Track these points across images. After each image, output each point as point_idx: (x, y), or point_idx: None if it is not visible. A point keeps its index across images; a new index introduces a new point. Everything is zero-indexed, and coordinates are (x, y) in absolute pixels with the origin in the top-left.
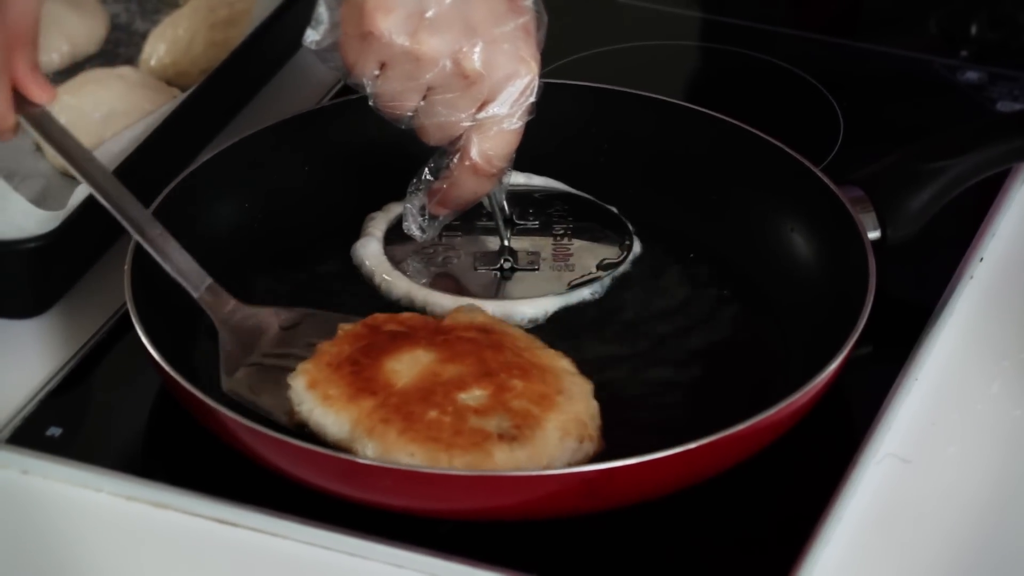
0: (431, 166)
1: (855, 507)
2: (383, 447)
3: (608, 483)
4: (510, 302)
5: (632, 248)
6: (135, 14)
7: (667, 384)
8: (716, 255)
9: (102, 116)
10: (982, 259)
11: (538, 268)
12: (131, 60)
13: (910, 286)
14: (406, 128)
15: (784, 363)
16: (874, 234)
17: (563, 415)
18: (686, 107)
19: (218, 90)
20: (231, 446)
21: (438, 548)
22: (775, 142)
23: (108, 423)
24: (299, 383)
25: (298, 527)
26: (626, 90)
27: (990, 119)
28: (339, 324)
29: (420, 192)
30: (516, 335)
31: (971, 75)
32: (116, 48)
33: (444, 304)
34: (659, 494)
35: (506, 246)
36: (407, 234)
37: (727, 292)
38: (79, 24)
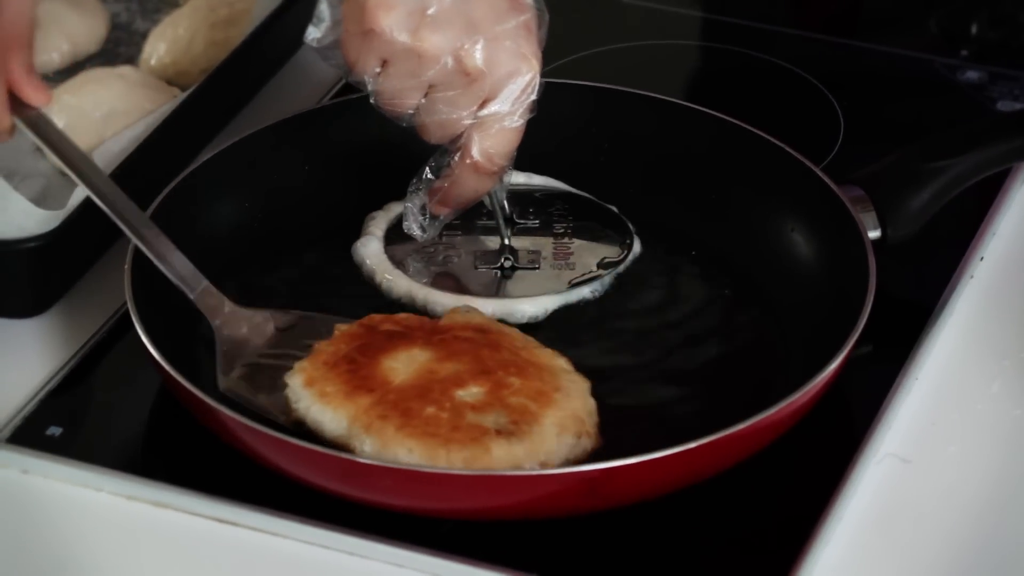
0: (432, 165)
1: (855, 507)
2: (381, 443)
3: (608, 483)
4: (510, 300)
5: (632, 247)
6: (135, 13)
7: (667, 383)
8: (716, 254)
9: (102, 115)
10: (982, 258)
11: (539, 267)
12: (131, 59)
13: (910, 285)
14: (407, 126)
15: (784, 362)
16: (874, 233)
17: (560, 411)
18: (686, 106)
19: (218, 90)
20: (231, 446)
21: (438, 547)
22: (775, 142)
23: (108, 422)
24: (296, 381)
25: (298, 527)
26: (626, 89)
27: (990, 119)
28: (336, 325)
29: (420, 191)
30: (513, 335)
31: (971, 74)
32: (116, 47)
33: (445, 303)
34: (659, 494)
35: (507, 245)
36: (407, 234)
37: (727, 291)
38: (79, 23)
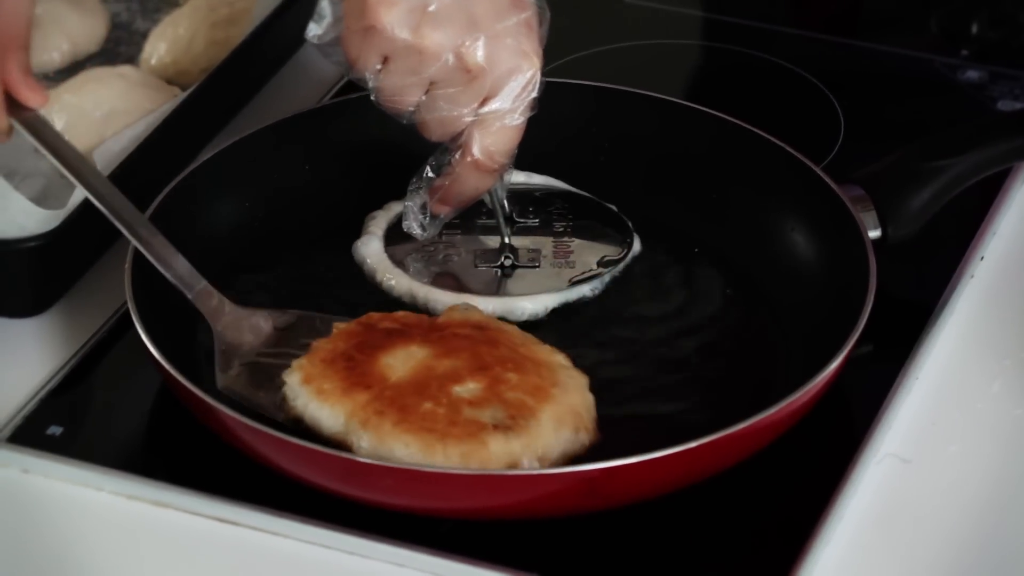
0: (432, 164)
1: (856, 506)
2: (378, 438)
3: (608, 482)
4: (511, 298)
5: (633, 245)
6: (136, 13)
7: (667, 383)
8: (717, 254)
9: (103, 115)
10: (983, 258)
11: (539, 265)
12: (132, 59)
13: (911, 285)
14: (407, 123)
15: (784, 362)
16: (875, 233)
17: (558, 406)
18: (687, 106)
19: (219, 89)
20: (231, 445)
21: (439, 547)
22: (776, 141)
23: (108, 422)
24: (294, 379)
25: (299, 526)
26: (627, 89)
27: (991, 118)
28: (334, 323)
29: (421, 190)
30: (511, 332)
31: (972, 74)
32: (117, 47)
33: (445, 301)
34: (659, 493)
35: (507, 243)
36: (408, 233)
37: (727, 291)
38: (80, 23)
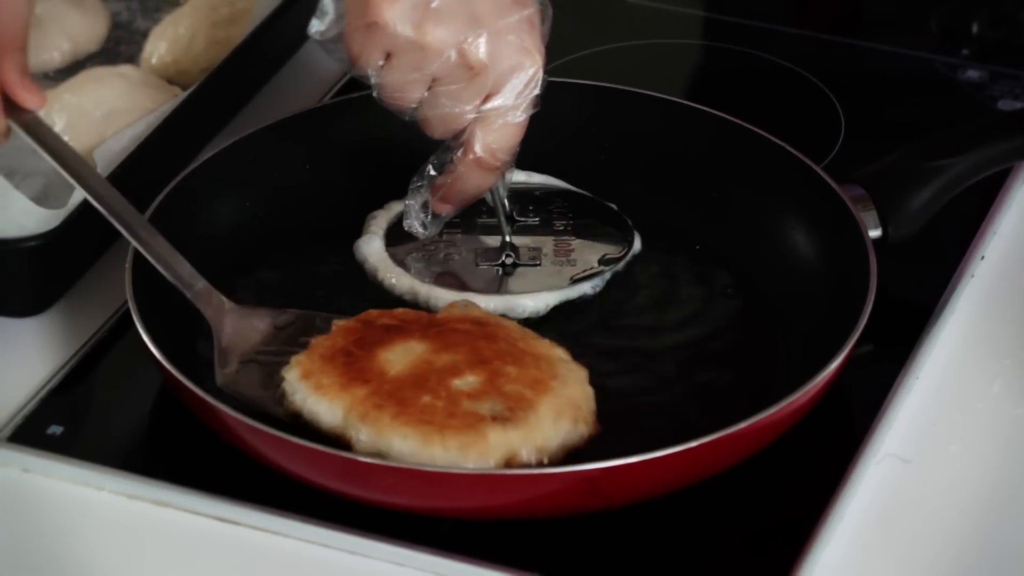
0: (434, 162)
1: (856, 506)
2: (376, 431)
3: (609, 481)
4: (512, 296)
5: (633, 243)
6: (136, 12)
7: (667, 382)
8: (717, 253)
9: (103, 114)
10: (983, 258)
11: (540, 264)
12: (132, 58)
13: (911, 285)
14: (409, 120)
15: (785, 361)
16: (875, 232)
17: (557, 398)
18: (687, 105)
19: (219, 89)
20: (232, 444)
21: (439, 546)
22: (776, 140)
23: (109, 421)
24: (292, 374)
25: (299, 525)
26: (627, 88)
27: (991, 117)
28: (333, 321)
29: (422, 189)
30: (510, 327)
31: (972, 74)
32: (117, 46)
33: (447, 300)
34: (660, 492)
35: (508, 242)
36: (409, 232)
37: (728, 290)
38: (80, 22)
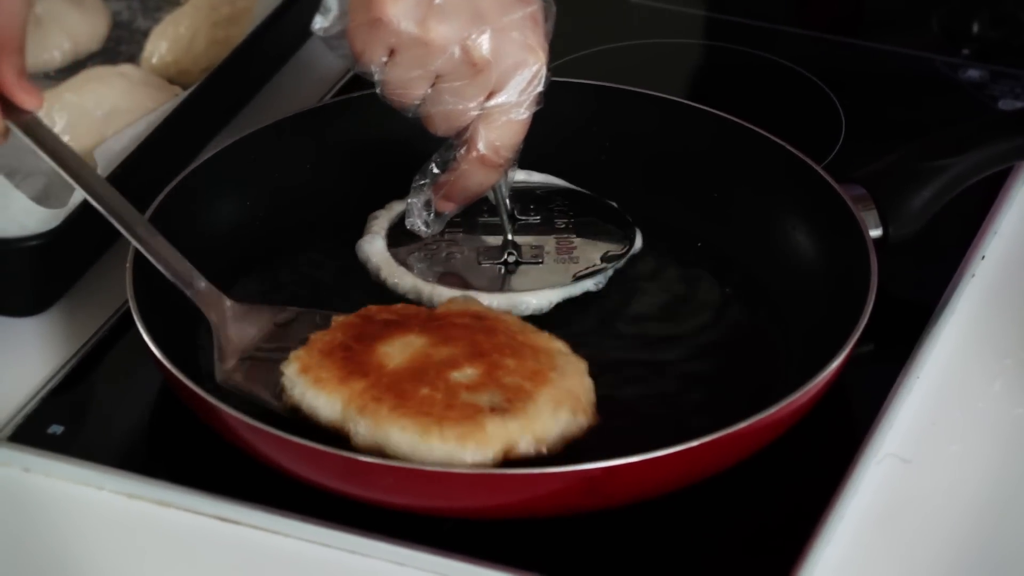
0: (437, 160)
1: (856, 506)
2: (375, 423)
3: (609, 481)
4: (515, 294)
5: (635, 240)
6: (137, 12)
7: (667, 382)
8: (718, 252)
9: (104, 114)
10: (984, 257)
11: (542, 261)
12: (133, 58)
13: (912, 284)
14: (413, 117)
15: (785, 361)
16: (876, 232)
17: (556, 389)
18: (688, 105)
19: (220, 88)
20: (233, 444)
21: (440, 546)
22: (777, 140)
23: (110, 421)
24: (291, 369)
25: (300, 525)
26: (628, 88)
27: (992, 117)
28: (333, 317)
29: (425, 187)
30: (509, 320)
31: (973, 73)
32: (118, 46)
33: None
34: (660, 492)
35: (510, 240)
36: (411, 230)
37: (728, 290)
38: (81, 22)
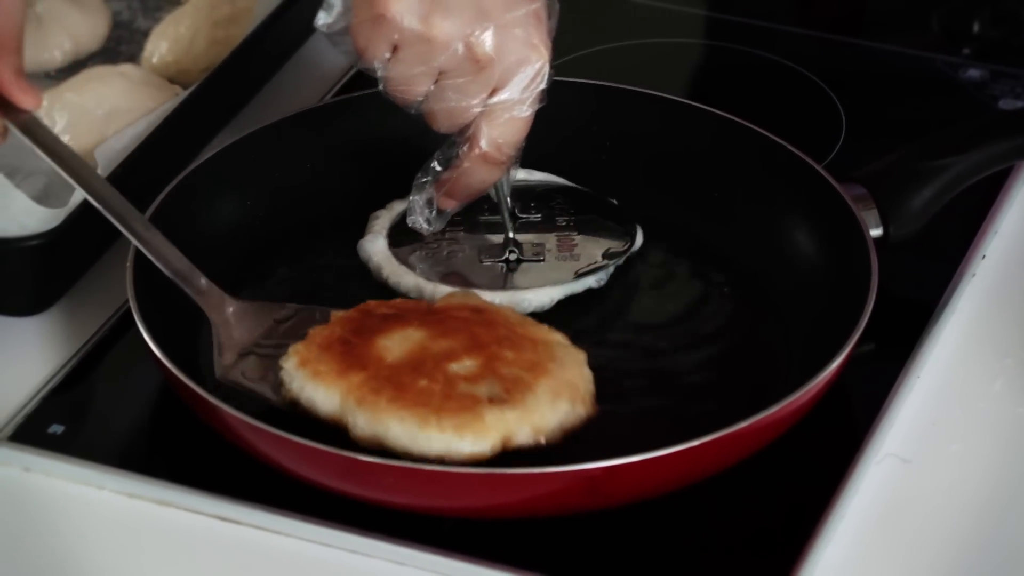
0: (439, 157)
1: (857, 506)
2: (373, 415)
3: (609, 481)
4: (517, 291)
5: (636, 237)
6: (137, 11)
7: (668, 382)
8: (718, 252)
9: (104, 113)
10: (984, 257)
11: (543, 259)
12: (133, 58)
13: (912, 284)
14: (415, 113)
15: (786, 361)
16: (876, 231)
17: (555, 380)
18: (689, 104)
19: (220, 88)
20: (233, 443)
21: (440, 545)
22: (778, 140)
23: (110, 420)
24: (290, 363)
25: (300, 524)
26: (629, 87)
27: (992, 117)
28: (332, 312)
29: (427, 185)
30: (509, 314)
31: (973, 73)
32: (118, 46)
33: None
34: (661, 492)
35: (511, 238)
36: (412, 228)
37: (729, 289)
38: (81, 21)
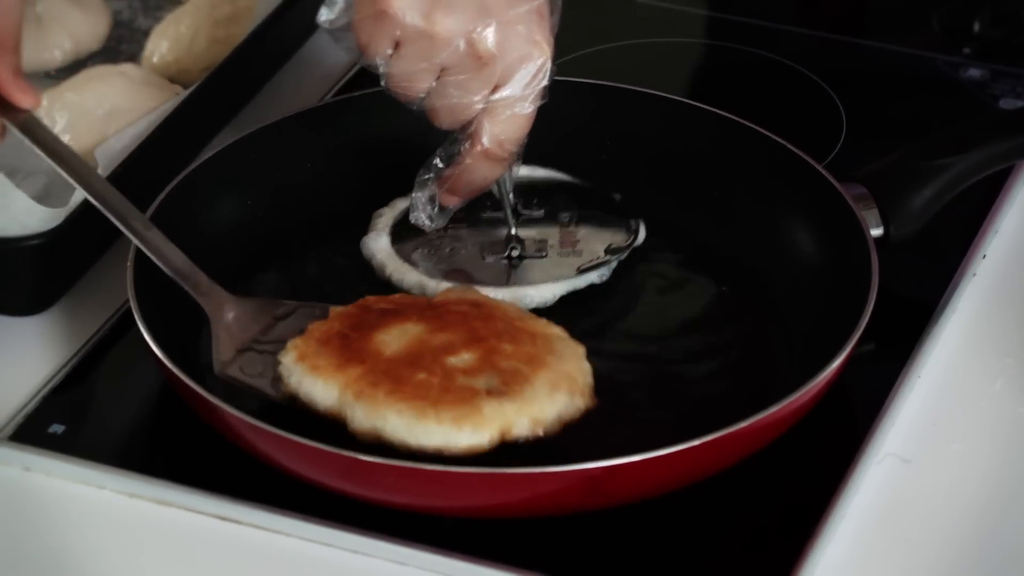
0: (441, 154)
1: (857, 506)
2: (371, 408)
3: (610, 480)
4: (520, 288)
5: (639, 231)
6: (137, 11)
7: (668, 381)
8: (718, 251)
9: (105, 113)
10: (985, 256)
11: (546, 255)
12: (134, 57)
13: (913, 283)
14: (417, 110)
15: (786, 360)
16: (877, 231)
17: (553, 372)
18: (689, 104)
19: (221, 87)
20: (233, 443)
21: (441, 545)
22: (778, 139)
23: (110, 420)
24: (289, 358)
25: (301, 524)
26: (629, 87)
27: (993, 116)
28: (331, 308)
29: (429, 182)
30: (508, 308)
31: (974, 72)
32: (119, 45)
33: None
34: (662, 491)
35: (513, 235)
36: (415, 225)
37: (729, 289)
38: (82, 21)
